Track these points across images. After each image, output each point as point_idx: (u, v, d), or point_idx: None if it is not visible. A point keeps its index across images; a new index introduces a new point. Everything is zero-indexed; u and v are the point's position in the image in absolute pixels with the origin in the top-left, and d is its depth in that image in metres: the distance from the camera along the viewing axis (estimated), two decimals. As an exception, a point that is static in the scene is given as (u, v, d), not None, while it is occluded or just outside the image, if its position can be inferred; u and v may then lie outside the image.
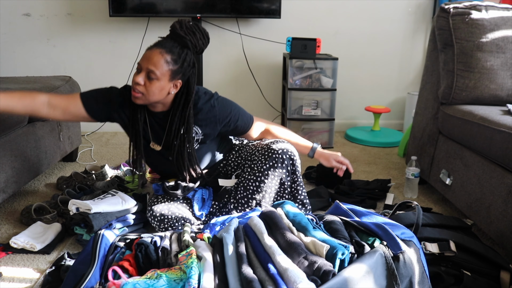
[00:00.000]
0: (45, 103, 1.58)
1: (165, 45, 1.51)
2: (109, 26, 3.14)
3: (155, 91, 1.52)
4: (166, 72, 1.50)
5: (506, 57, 1.89)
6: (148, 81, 1.50)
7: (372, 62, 3.35)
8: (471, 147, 1.76)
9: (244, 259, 1.11)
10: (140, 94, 1.53)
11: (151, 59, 1.49)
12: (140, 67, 1.52)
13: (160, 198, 1.71)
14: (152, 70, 1.49)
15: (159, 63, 1.49)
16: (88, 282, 1.15)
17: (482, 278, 1.30)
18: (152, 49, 1.51)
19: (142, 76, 1.50)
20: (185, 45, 1.53)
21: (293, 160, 1.67)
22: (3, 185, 1.78)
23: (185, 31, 1.51)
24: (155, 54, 1.49)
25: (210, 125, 1.68)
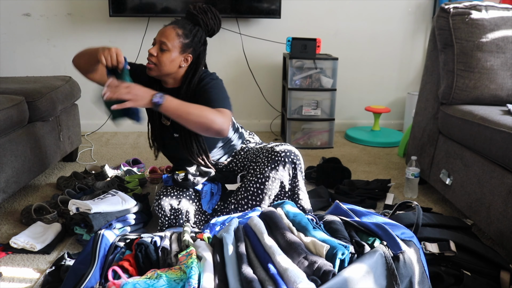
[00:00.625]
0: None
1: (178, 22, 1.64)
2: (109, 26, 3.14)
3: (166, 62, 1.61)
4: (177, 44, 1.61)
5: (506, 57, 1.89)
6: (160, 52, 1.61)
7: (372, 62, 3.35)
8: (471, 147, 1.76)
9: (244, 259, 1.11)
10: (153, 65, 1.62)
11: (164, 32, 1.61)
12: (154, 41, 1.63)
13: (170, 189, 1.70)
14: (164, 42, 1.59)
15: (171, 36, 1.60)
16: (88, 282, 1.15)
17: (482, 278, 1.30)
18: (167, 26, 1.64)
19: (156, 48, 1.61)
20: (196, 23, 1.65)
21: (295, 164, 1.67)
22: (3, 185, 1.78)
23: (197, 11, 1.64)
24: (168, 28, 1.62)
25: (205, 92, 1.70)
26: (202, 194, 1.71)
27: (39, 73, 3.13)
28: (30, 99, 2.00)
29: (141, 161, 2.48)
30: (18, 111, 1.88)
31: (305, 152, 2.89)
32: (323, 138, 3.03)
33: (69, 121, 2.43)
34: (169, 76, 1.68)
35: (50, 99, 2.12)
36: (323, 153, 2.83)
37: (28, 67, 3.17)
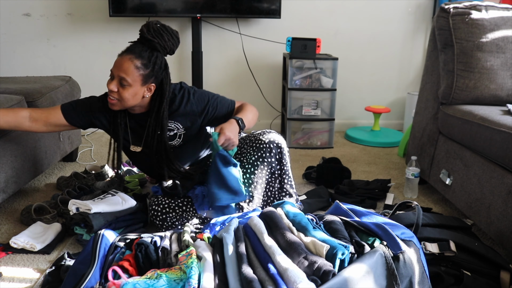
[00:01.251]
0: (27, 117, 1.63)
1: (134, 51, 1.52)
2: (109, 26, 3.14)
3: (128, 97, 1.54)
4: (138, 78, 1.52)
5: (506, 57, 1.89)
6: (121, 87, 1.52)
7: (372, 62, 3.35)
8: (471, 147, 1.76)
9: (244, 259, 1.11)
10: (115, 100, 1.56)
11: (122, 66, 1.51)
12: (112, 74, 1.54)
13: (161, 198, 1.71)
14: (123, 77, 1.51)
15: (130, 70, 1.50)
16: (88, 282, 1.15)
17: (482, 278, 1.30)
18: (122, 56, 1.53)
19: (115, 84, 1.53)
20: (154, 48, 1.54)
21: (281, 149, 1.69)
22: (3, 185, 1.78)
23: (152, 34, 1.52)
24: (125, 60, 1.51)
25: (189, 118, 1.70)
26: (194, 198, 1.71)
27: (39, 73, 3.13)
28: (30, 99, 2.00)
29: (141, 161, 2.48)
30: (18, 111, 1.88)
31: (305, 152, 2.89)
32: (323, 138, 3.03)
33: (69, 121, 2.42)
34: (135, 106, 1.62)
35: (50, 99, 2.12)
36: (323, 153, 2.83)
37: (28, 67, 3.17)
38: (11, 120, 1.61)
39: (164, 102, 1.61)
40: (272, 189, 1.72)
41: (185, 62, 3.22)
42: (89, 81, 3.18)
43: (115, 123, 1.68)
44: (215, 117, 1.73)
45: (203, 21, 3.07)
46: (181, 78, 3.26)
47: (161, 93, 1.61)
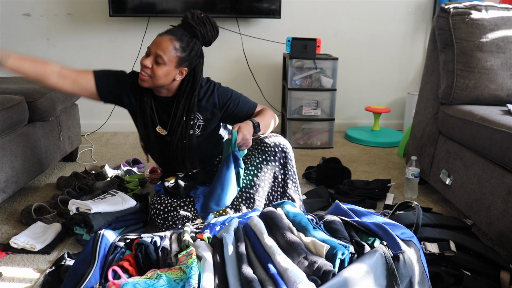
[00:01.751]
0: (56, 72, 1.59)
1: (175, 33, 1.56)
2: (109, 26, 3.14)
3: (161, 75, 1.56)
4: (173, 58, 1.55)
5: (506, 57, 1.89)
6: (155, 65, 1.55)
7: (372, 62, 3.35)
8: (471, 147, 1.76)
9: (244, 259, 1.11)
10: (147, 77, 1.57)
11: (160, 45, 1.54)
12: (149, 51, 1.56)
13: (163, 197, 1.71)
14: (160, 55, 1.53)
15: (168, 49, 1.53)
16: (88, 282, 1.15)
17: (482, 278, 1.30)
18: (162, 35, 1.56)
19: (150, 60, 1.55)
20: (194, 35, 1.58)
21: (286, 153, 1.68)
22: (3, 185, 1.78)
23: (196, 21, 1.56)
24: (164, 40, 1.54)
25: (210, 111, 1.71)
26: (196, 199, 1.71)
27: (39, 73, 3.13)
28: (30, 99, 2.00)
29: (141, 161, 2.48)
30: (18, 111, 1.88)
31: (305, 152, 2.89)
32: (323, 138, 3.03)
33: (69, 121, 2.42)
34: (162, 88, 1.64)
35: (50, 99, 2.12)
36: (323, 153, 2.83)
37: (28, 67, 3.17)
38: (40, 69, 1.57)
39: (196, 89, 1.64)
40: (274, 193, 1.71)
41: (185, 62, 3.22)
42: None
43: (141, 101, 1.67)
44: (234, 114, 1.72)
45: (203, 21, 3.07)
46: (181, 78, 3.26)
47: (193, 80, 1.64)
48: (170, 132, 1.70)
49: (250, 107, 1.74)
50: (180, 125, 1.66)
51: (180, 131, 1.67)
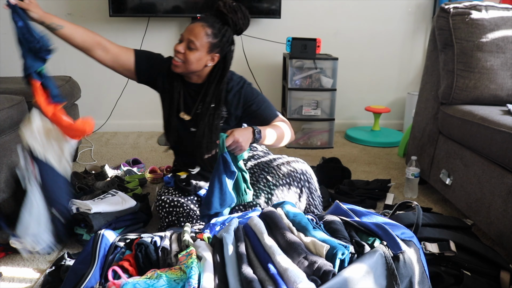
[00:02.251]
0: (101, 43, 1.68)
1: (207, 20, 1.61)
2: (109, 26, 3.14)
3: (193, 61, 1.60)
4: (205, 44, 1.59)
5: (506, 57, 1.89)
6: (188, 50, 1.59)
7: (372, 62, 3.35)
8: (471, 147, 1.76)
9: (244, 259, 1.11)
10: (180, 62, 1.61)
11: (193, 30, 1.59)
12: (182, 37, 1.61)
13: (172, 190, 1.70)
14: (192, 41, 1.58)
15: (200, 35, 1.58)
16: (88, 282, 1.15)
17: (482, 278, 1.30)
18: (195, 23, 1.61)
19: (183, 46, 1.60)
20: (226, 22, 1.62)
21: (309, 183, 1.67)
22: (3, 185, 1.78)
23: (227, 9, 1.60)
24: (197, 26, 1.59)
25: (234, 105, 1.72)
26: (203, 199, 1.70)
27: (39, 73, 3.12)
28: (30, 99, 1.99)
29: (141, 161, 2.48)
30: (18, 111, 1.88)
31: (305, 152, 2.89)
32: (323, 138, 3.03)
33: (69, 121, 2.42)
34: (194, 74, 1.68)
35: (50, 99, 2.12)
36: (323, 153, 2.83)
37: (28, 67, 3.16)
38: (89, 40, 1.66)
39: (225, 76, 1.67)
40: None
41: (185, 62, 3.23)
42: (89, 81, 3.18)
43: (171, 85, 1.72)
44: (254, 115, 1.72)
45: (203, 21, 3.07)
46: (181, 78, 3.26)
47: (223, 67, 1.67)
48: (195, 118, 1.72)
49: (271, 115, 1.72)
50: (208, 111, 1.68)
51: (207, 117, 1.68)
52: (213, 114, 1.67)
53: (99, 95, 3.26)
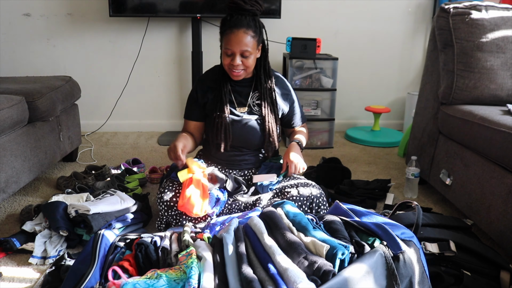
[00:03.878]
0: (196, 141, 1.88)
1: (242, 23, 1.66)
2: (109, 26, 3.14)
3: (252, 63, 1.73)
4: (254, 44, 1.70)
5: (506, 57, 1.89)
6: (244, 59, 1.70)
7: (372, 62, 3.35)
8: (471, 147, 1.76)
9: (244, 259, 1.11)
10: (241, 71, 1.72)
11: (241, 41, 1.66)
12: (230, 51, 1.68)
13: (176, 185, 1.68)
14: (245, 50, 1.67)
15: (248, 41, 1.67)
16: (88, 282, 1.15)
17: (482, 278, 1.30)
18: (235, 32, 1.65)
19: (238, 58, 1.68)
20: (254, 14, 1.70)
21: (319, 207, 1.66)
22: (3, 185, 1.78)
23: (250, 4, 1.68)
24: (241, 35, 1.65)
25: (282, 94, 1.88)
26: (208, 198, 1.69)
27: (39, 73, 3.13)
28: (30, 99, 2.00)
29: (141, 161, 2.48)
30: (18, 111, 1.88)
31: (305, 152, 2.89)
32: (323, 138, 3.03)
33: (69, 121, 2.43)
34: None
35: (50, 99, 2.12)
36: (323, 153, 2.83)
37: (28, 67, 3.17)
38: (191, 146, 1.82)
39: (267, 57, 1.81)
40: None
41: (185, 62, 3.22)
42: (89, 81, 3.18)
43: (219, 90, 1.80)
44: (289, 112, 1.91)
45: (203, 21, 3.07)
46: (181, 78, 3.26)
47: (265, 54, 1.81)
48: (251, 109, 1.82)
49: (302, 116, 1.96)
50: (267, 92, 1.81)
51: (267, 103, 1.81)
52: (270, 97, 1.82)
53: (99, 95, 3.26)
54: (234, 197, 1.72)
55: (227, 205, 1.69)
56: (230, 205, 1.69)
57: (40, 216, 1.70)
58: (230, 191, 1.74)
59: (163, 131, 3.36)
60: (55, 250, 1.55)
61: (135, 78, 3.22)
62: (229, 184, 1.73)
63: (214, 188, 1.69)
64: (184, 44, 3.19)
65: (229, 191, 1.74)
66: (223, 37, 1.70)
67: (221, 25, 1.71)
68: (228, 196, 1.73)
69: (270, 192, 1.70)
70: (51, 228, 1.61)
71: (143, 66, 3.21)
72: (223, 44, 1.70)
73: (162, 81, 3.27)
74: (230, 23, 1.66)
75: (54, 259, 1.52)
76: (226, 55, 1.70)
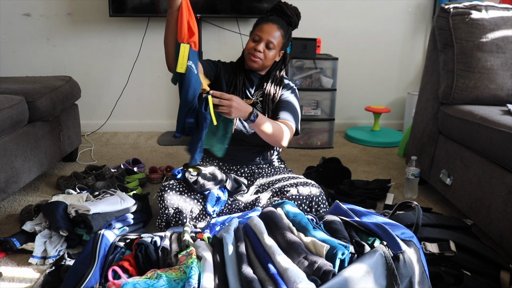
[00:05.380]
0: None
1: (279, 22, 1.78)
2: (109, 26, 3.14)
3: (271, 58, 1.79)
4: (280, 44, 1.78)
5: (506, 57, 1.89)
6: (266, 49, 1.77)
7: (372, 62, 3.35)
8: (471, 147, 1.76)
9: (244, 259, 1.11)
10: (258, 59, 1.77)
11: (271, 32, 1.75)
12: (258, 37, 1.76)
13: (176, 184, 1.68)
14: (271, 41, 1.75)
15: (276, 36, 1.76)
16: (88, 282, 1.15)
17: (482, 278, 1.30)
18: (269, 24, 1.76)
19: (263, 45, 1.76)
20: (289, 23, 1.82)
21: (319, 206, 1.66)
22: (3, 185, 1.78)
23: (291, 12, 1.81)
24: (274, 28, 1.76)
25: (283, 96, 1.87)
26: (208, 197, 1.69)
27: (39, 73, 3.13)
28: (30, 99, 2.00)
29: (141, 161, 2.48)
30: (18, 111, 1.88)
31: (305, 152, 2.89)
32: (323, 138, 3.03)
33: (69, 121, 2.43)
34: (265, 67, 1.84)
35: (50, 99, 2.12)
36: (323, 153, 2.83)
37: (28, 67, 3.17)
38: None
39: (283, 65, 1.89)
40: None
41: (185, 62, 3.22)
42: (89, 81, 3.18)
43: (234, 75, 1.87)
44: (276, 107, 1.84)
45: (203, 21, 3.07)
46: (181, 78, 3.26)
47: (283, 59, 1.89)
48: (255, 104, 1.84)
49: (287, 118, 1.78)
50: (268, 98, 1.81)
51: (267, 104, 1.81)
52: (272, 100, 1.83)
53: (99, 95, 3.26)
54: (234, 197, 1.72)
55: (227, 205, 1.69)
56: (230, 205, 1.70)
57: (40, 216, 1.70)
58: (230, 190, 1.74)
59: (163, 131, 3.36)
60: (55, 250, 1.55)
61: (135, 78, 3.22)
62: (229, 183, 1.73)
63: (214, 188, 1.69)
64: (184, 44, 3.19)
65: (229, 191, 1.74)
66: (256, 27, 1.78)
67: (259, 19, 1.80)
68: (228, 195, 1.73)
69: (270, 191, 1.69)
70: (51, 228, 1.61)
71: (143, 66, 3.21)
72: (253, 31, 1.78)
73: (162, 81, 3.27)
74: (268, 18, 1.78)
75: (54, 259, 1.53)
76: (252, 41, 1.78)
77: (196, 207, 1.66)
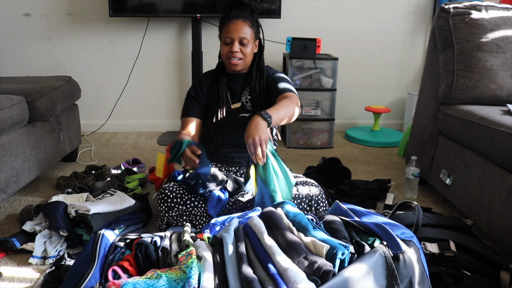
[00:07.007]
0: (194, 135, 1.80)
1: (241, 15, 1.74)
2: (109, 26, 3.14)
3: (249, 53, 1.76)
4: (252, 35, 1.75)
5: (506, 57, 1.89)
6: (242, 46, 1.74)
7: (372, 62, 3.35)
8: (471, 147, 1.76)
9: (244, 259, 1.11)
10: (239, 60, 1.75)
11: (240, 29, 1.72)
12: (229, 40, 1.73)
13: (176, 186, 1.69)
14: (243, 37, 1.72)
15: (246, 30, 1.73)
16: (88, 282, 1.15)
17: (482, 278, 1.30)
18: (233, 22, 1.72)
19: (237, 45, 1.73)
20: (252, 10, 1.78)
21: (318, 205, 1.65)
22: (3, 185, 1.78)
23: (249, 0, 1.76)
24: (240, 24, 1.72)
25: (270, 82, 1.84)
26: (209, 198, 1.69)
27: (39, 73, 3.13)
28: (30, 99, 2.00)
29: (141, 161, 2.48)
30: (18, 111, 1.88)
31: (305, 152, 2.89)
32: (323, 138, 3.03)
33: (69, 121, 2.43)
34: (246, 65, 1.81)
35: (50, 99, 2.12)
36: (323, 153, 2.83)
37: (28, 67, 3.17)
38: None
39: (263, 54, 1.84)
40: None
41: (185, 62, 3.22)
42: (89, 81, 3.18)
43: (216, 84, 1.83)
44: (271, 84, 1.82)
45: (203, 21, 3.07)
46: (181, 78, 3.26)
47: (260, 51, 1.84)
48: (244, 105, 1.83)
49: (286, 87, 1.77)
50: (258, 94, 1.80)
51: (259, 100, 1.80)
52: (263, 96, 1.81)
53: (99, 95, 3.26)
54: (235, 198, 1.72)
55: (228, 206, 1.69)
56: (231, 205, 1.70)
57: (40, 216, 1.70)
58: (230, 191, 1.74)
59: (163, 131, 3.36)
60: (55, 250, 1.55)
61: (135, 78, 3.22)
62: (230, 184, 1.73)
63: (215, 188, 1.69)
64: (184, 44, 3.19)
65: (230, 192, 1.74)
66: (222, 29, 1.75)
67: (221, 20, 1.76)
68: (228, 196, 1.73)
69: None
70: (51, 228, 1.61)
71: (143, 66, 3.21)
72: (222, 35, 1.75)
73: (162, 81, 3.27)
74: (230, 16, 1.73)
75: (54, 259, 1.53)
76: (225, 44, 1.74)
77: (196, 209, 1.67)
